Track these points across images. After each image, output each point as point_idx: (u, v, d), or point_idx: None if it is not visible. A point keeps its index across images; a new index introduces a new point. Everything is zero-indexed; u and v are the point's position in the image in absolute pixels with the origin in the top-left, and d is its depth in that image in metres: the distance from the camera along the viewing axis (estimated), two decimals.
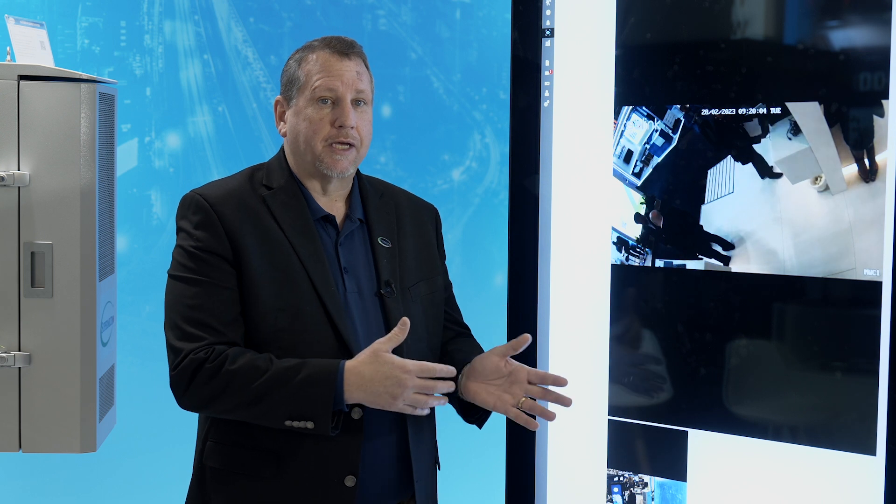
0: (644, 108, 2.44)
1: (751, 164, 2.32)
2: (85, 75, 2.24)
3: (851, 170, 2.20)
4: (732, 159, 2.34)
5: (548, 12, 2.55)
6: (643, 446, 2.49)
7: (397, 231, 2.13)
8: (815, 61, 2.24)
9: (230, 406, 1.93)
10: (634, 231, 2.47)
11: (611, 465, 2.53)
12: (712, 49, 2.35)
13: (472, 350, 2.14)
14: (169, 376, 1.96)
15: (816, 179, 2.24)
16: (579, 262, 2.54)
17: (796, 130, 2.25)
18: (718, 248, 2.36)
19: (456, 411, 2.14)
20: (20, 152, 2.20)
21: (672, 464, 2.45)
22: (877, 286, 2.19)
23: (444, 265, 2.25)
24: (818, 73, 2.23)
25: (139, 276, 3.41)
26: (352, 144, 2.03)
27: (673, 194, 2.42)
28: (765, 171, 2.30)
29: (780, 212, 2.29)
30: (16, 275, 2.21)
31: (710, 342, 2.38)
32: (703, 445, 2.41)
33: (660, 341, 2.46)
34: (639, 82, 2.45)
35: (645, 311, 2.47)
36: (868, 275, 2.20)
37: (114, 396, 2.45)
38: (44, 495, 3.39)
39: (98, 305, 2.26)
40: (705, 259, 2.38)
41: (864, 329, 2.21)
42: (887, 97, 2.16)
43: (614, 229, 2.49)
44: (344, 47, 2.04)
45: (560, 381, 2.05)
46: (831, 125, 2.21)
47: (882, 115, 2.16)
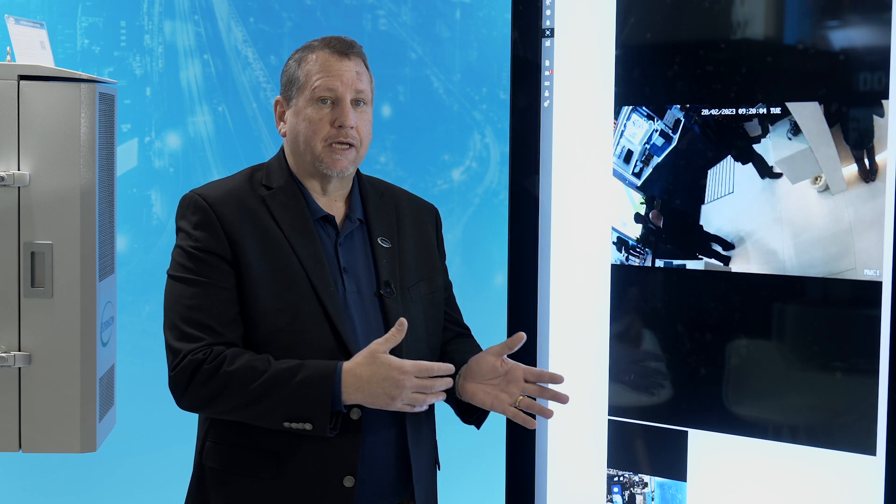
0: (644, 108, 2.44)
1: (751, 164, 2.32)
2: (85, 75, 2.24)
3: (851, 170, 2.20)
4: (732, 159, 2.34)
5: (548, 12, 2.55)
6: (643, 446, 2.49)
7: (397, 231, 2.13)
8: (815, 61, 2.24)
9: (228, 407, 1.93)
10: (634, 231, 2.47)
11: (611, 465, 2.53)
12: (712, 49, 2.35)
13: (470, 350, 2.13)
14: (168, 377, 1.96)
15: (816, 179, 2.24)
16: (579, 262, 2.54)
17: (796, 130, 2.25)
18: (718, 248, 2.36)
19: (454, 412, 2.14)
20: (20, 152, 2.20)
21: (672, 464, 2.45)
22: (877, 286, 2.19)
23: (445, 265, 2.25)
24: (818, 73, 2.23)
25: (139, 276, 3.41)
26: (351, 144, 2.03)
27: (673, 194, 2.41)
28: (765, 171, 2.30)
29: (780, 212, 2.29)
30: (16, 275, 2.21)
31: (710, 342, 2.38)
32: (703, 445, 2.41)
33: (660, 341, 2.46)
34: (639, 82, 2.45)
35: (645, 311, 2.47)
36: (868, 275, 2.20)
37: (114, 396, 2.44)
38: (44, 495, 3.39)
39: (98, 305, 2.26)
40: (705, 259, 2.38)
41: (864, 329, 2.21)
42: (887, 97, 2.16)
43: (614, 229, 2.49)
44: (344, 47, 2.04)
45: (556, 378, 2.05)
46: (831, 125, 2.21)
47: (882, 115, 2.16)
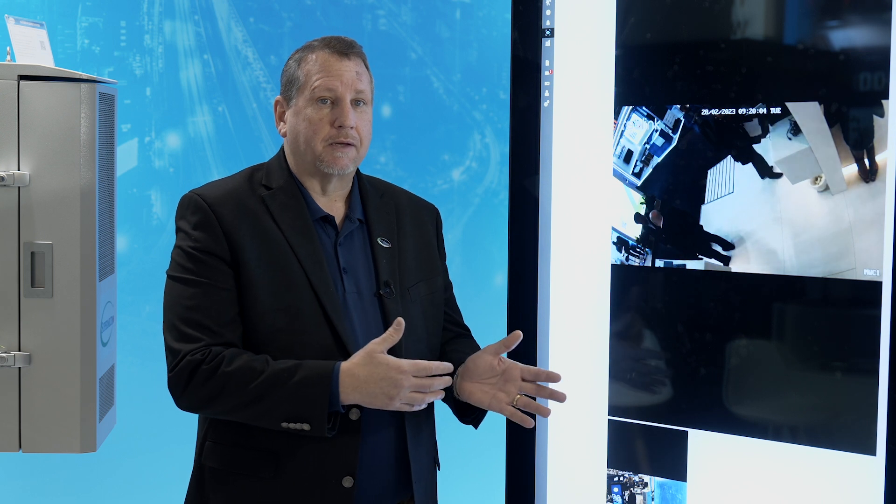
0: (644, 108, 2.44)
1: (751, 164, 2.32)
2: (85, 75, 2.24)
3: (851, 170, 2.20)
4: (732, 159, 2.34)
5: (548, 12, 2.55)
6: (643, 446, 2.49)
7: (397, 231, 2.13)
8: (815, 61, 2.24)
9: (227, 407, 1.93)
10: (634, 231, 2.47)
11: (611, 465, 2.53)
12: (712, 49, 2.35)
13: (469, 351, 2.13)
14: (167, 377, 1.96)
15: (816, 179, 2.24)
16: (579, 262, 2.54)
17: (796, 130, 2.25)
18: (718, 248, 2.36)
19: (452, 412, 2.14)
20: (20, 152, 2.20)
21: (672, 464, 2.45)
22: (877, 286, 2.19)
23: (445, 265, 2.25)
24: (818, 73, 2.23)
25: (139, 276, 3.41)
26: (352, 144, 2.03)
27: (673, 194, 2.41)
28: (765, 171, 2.30)
29: (780, 212, 2.29)
30: (16, 275, 2.21)
31: (710, 342, 2.38)
32: (703, 445, 2.41)
33: (660, 341, 2.46)
34: (639, 82, 2.45)
35: (645, 311, 2.47)
36: (868, 275, 2.20)
37: (114, 396, 2.45)
38: (44, 495, 3.39)
39: (98, 305, 2.26)
40: (705, 259, 2.38)
41: (864, 329, 2.21)
42: (887, 97, 2.15)
43: (614, 229, 2.49)
44: (343, 47, 2.04)
45: (553, 376, 2.05)
46: (831, 125, 2.21)
47: (882, 115, 2.16)
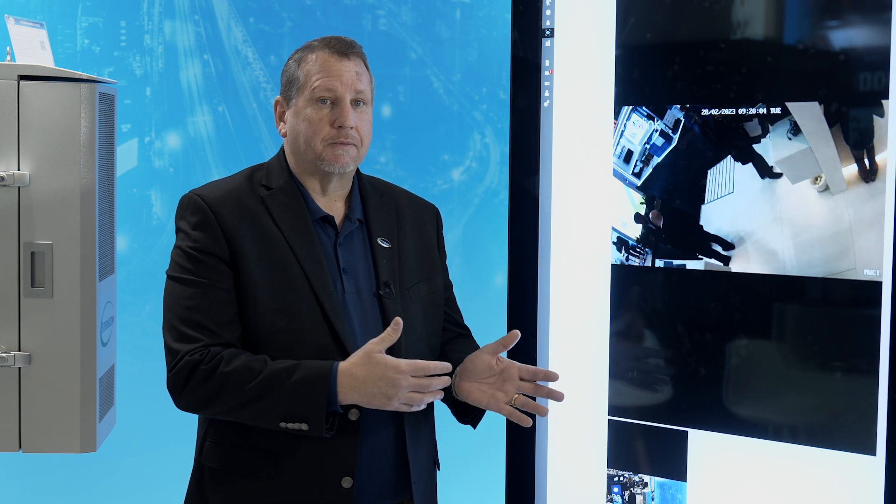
0: (644, 108, 2.44)
1: (751, 164, 2.32)
2: (85, 75, 2.24)
3: (851, 170, 2.20)
4: (732, 159, 2.34)
5: (548, 12, 2.55)
6: (643, 446, 2.49)
7: (397, 231, 2.12)
8: (815, 61, 2.24)
9: (225, 408, 1.93)
10: (634, 231, 2.47)
11: (611, 465, 2.53)
12: (712, 49, 2.35)
13: (469, 351, 2.12)
14: (166, 378, 1.96)
15: (816, 179, 2.24)
16: (579, 262, 2.54)
17: (796, 130, 2.25)
18: (718, 248, 2.36)
19: (450, 412, 2.14)
20: (20, 152, 2.20)
21: (672, 464, 2.45)
22: (877, 286, 2.19)
23: (445, 265, 2.25)
24: (818, 73, 2.23)
25: (139, 276, 3.41)
26: (352, 143, 2.03)
27: (673, 194, 2.41)
28: (765, 171, 2.30)
29: (780, 212, 2.29)
30: (16, 275, 2.21)
31: (710, 342, 2.38)
32: (703, 445, 2.41)
33: (660, 341, 2.46)
34: (639, 82, 2.45)
35: (645, 311, 2.47)
36: (868, 275, 2.20)
37: (114, 396, 2.44)
38: (44, 495, 3.39)
39: (98, 305, 2.26)
40: (705, 259, 2.38)
41: (864, 329, 2.21)
42: (887, 97, 2.15)
43: (614, 229, 2.49)
44: (343, 47, 2.04)
45: (551, 375, 2.05)
46: (831, 125, 2.21)
47: (882, 115, 2.16)
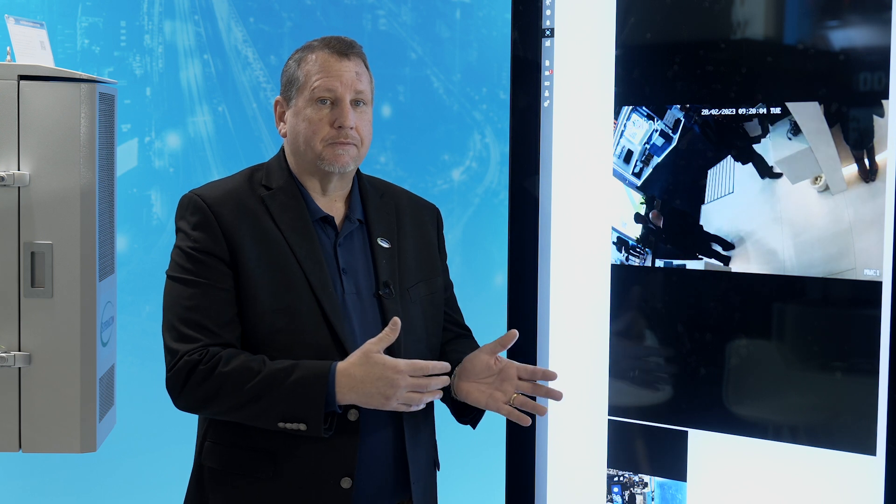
0: (644, 108, 2.44)
1: (751, 164, 2.32)
2: (85, 75, 2.24)
3: (851, 170, 2.20)
4: (732, 159, 2.34)
5: (548, 12, 2.55)
6: (643, 446, 2.48)
7: (397, 231, 2.12)
8: (815, 61, 2.24)
9: (224, 408, 1.93)
10: (634, 231, 2.47)
11: (611, 465, 2.53)
12: (712, 49, 2.35)
13: (469, 351, 2.12)
14: (165, 377, 1.96)
15: (816, 179, 2.24)
16: (579, 262, 2.54)
17: (796, 130, 2.25)
18: (718, 248, 2.36)
19: (450, 412, 2.14)
20: (20, 152, 2.20)
21: (672, 464, 2.45)
22: (877, 286, 2.19)
23: (446, 265, 2.25)
24: (818, 73, 2.23)
25: (139, 276, 3.41)
26: (352, 143, 2.03)
27: (673, 194, 2.41)
28: (765, 171, 2.30)
29: (780, 212, 2.28)
30: (16, 275, 2.21)
31: (710, 342, 2.38)
32: (703, 445, 2.41)
33: (660, 341, 2.46)
34: (639, 82, 2.44)
35: (645, 311, 2.47)
36: (868, 275, 2.20)
37: (114, 396, 2.44)
38: (44, 495, 3.39)
39: (98, 305, 2.26)
40: (705, 259, 2.38)
41: (864, 329, 2.21)
42: (887, 97, 2.15)
43: (614, 229, 2.49)
44: (343, 47, 2.04)
45: (549, 375, 2.05)
46: (831, 125, 2.21)
47: (882, 115, 2.16)
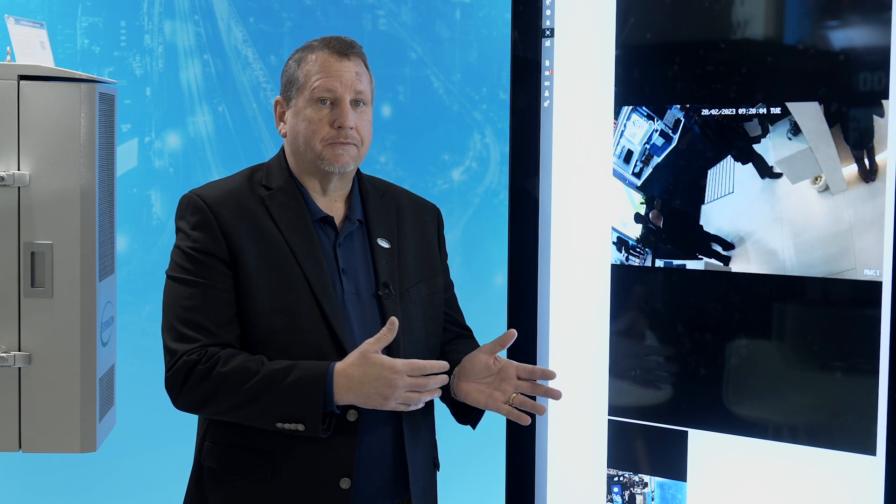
0: (644, 108, 2.44)
1: (751, 164, 2.32)
2: (85, 75, 2.24)
3: (851, 170, 2.20)
4: (732, 159, 2.34)
5: (548, 12, 2.55)
6: (643, 446, 2.48)
7: (397, 231, 2.12)
8: (815, 61, 2.24)
9: (222, 408, 1.93)
10: (634, 231, 2.47)
11: (611, 465, 2.53)
12: (712, 49, 2.35)
13: (469, 351, 2.11)
14: (164, 377, 1.96)
15: (816, 179, 2.24)
16: (579, 262, 2.54)
17: (796, 130, 2.25)
18: (718, 248, 2.36)
19: (450, 412, 2.14)
20: (20, 152, 2.20)
21: (672, 464, 2.45)
22: (877, 286, 2.19)
23: (446, 266, 2.25)
24: (818, 73, 2.23)
25: (139, 276, 3.41)
26: (352, 143, 2.02)
27: (673, 194, 2.41)
28: (765, 171, 2.30)
29: (780, 212, 2.28)
30: (16, 275, 2.21)
31: (710, 342, 2.38)
32: (703, 445, 2.41)
33: (660, 341, 2.45)
34: (639, 82, 2.44)
35: (645, 311, 2.47)
36: (868, 275, 2.20)
37: (114, 396, 2.44)
38: (44, 495, 3.39)
39: (98, 305, 2.26)
40: (705, 259, 2.38)
41: (864, 329, 2.21)
42: (887, 97, 2.15)
43: (614, 229, 2.49)
44: (343, 47, 2.04)
45: (548, 374, 2.05)
46: (831, 125, 2.21)
47: (882, 115, 2.16)
